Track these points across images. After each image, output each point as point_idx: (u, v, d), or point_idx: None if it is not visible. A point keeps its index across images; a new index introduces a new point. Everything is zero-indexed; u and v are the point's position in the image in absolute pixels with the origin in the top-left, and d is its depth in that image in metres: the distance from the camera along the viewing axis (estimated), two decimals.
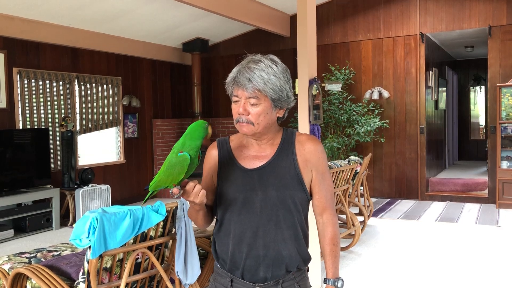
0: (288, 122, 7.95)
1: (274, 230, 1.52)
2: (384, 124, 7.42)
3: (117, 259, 2.53)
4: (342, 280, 1.59)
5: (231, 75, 1.55)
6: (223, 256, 1.59)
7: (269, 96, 1.49)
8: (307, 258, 1.61)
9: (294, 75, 3.81)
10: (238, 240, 1.55)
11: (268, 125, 1.54)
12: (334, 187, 4.53)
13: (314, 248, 3.80)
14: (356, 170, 5.17)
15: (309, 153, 1.57)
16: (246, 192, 1.54)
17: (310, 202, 1.62)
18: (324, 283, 1.59)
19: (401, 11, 7.59)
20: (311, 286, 1.67)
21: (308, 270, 1.67)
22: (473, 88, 11.55)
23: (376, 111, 7.60)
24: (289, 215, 1.54)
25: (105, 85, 7.45)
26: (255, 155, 1.58)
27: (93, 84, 7.24)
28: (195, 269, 2.79)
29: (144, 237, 2.63)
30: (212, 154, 1.66)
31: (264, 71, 1.48)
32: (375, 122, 7.27)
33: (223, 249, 1.59)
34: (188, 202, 2.54)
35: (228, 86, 1.57)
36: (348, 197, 5.04)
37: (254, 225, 1.53)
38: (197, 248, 3.04)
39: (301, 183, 1.55)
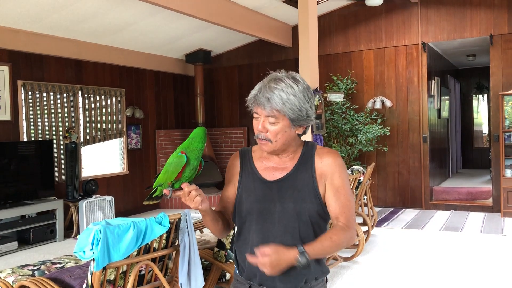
0: None
1: (291, 241, 1.54)
2: (386, 131, 7.39)
3: (120, 271, 2.53)
4: (307, 260, 1.45)
5: (253, 92, 1.57)
6: (242, 264, 1.63)
7: (287, 116, 1.52)
8: (325, 270, 1.64)
9: None
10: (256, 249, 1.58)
11: (286, 142, 1.57)
12: None
13: None
14: (359, 179, 5.16)
15: (326, 166, 1.58)
16: (265, 203, 1.57)
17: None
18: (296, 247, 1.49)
19: (402, 20, 7.63)
20: None
21: (327, 281, 1.70)
22: (476, 96, 11.55)
23: (379, 120, 7.60)
24: (306, 227, 1.56)
25: (108, 97, 7.49)
26: (275, 167, 1.62)
27: (97, 96, 7.29)
28: (198, 281, 2.79)
29: (147, 249, 2.63)
30: (235, 163, 1.70)
31: (283, 91, 1.50)
32: (376, 129, 7.27)
33: (241, 257, 1.63)
34: (191, 214, 2.57)
35: (249, 103, 1.58)
36: None
37: (272, 236, 1.56)
38: (201, 259, 3.04)
39: (318, 197, 1.57)
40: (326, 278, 1.69)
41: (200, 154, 1.58)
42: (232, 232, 3.21)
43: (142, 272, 2.68)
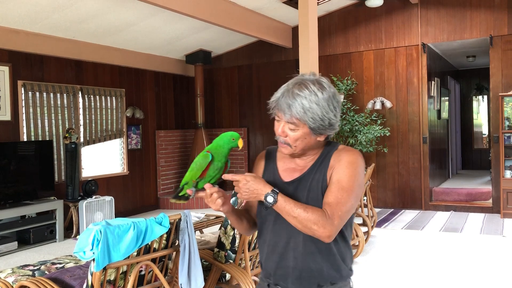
0: None
1: (304, 242, 1.53)
2: (385, 131, 7.38)
3: (120, 272, 2.53)
4: (273, 202, 1.45)
5: (276, 95, 1.53)
6: (262, 262, 1.65)
7: (308, 125, 1.48)
8: (344, 274, 1.58)
9: None
10: (272, 249, 1.59)
11: (306, 147, 1.54)
12: None
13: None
14: None
15: (337, 162, 1.52)
16: None
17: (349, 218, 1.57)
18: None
19: (402, 21, 7.64)
20: None
21: (352, 286, 1.65)
22: (476, 97, 11.56)
23: (379, 121, 7.61)
24: None
25: (108, 97, 7.49)
26: (294, 167, 1.61)
27: (97, 96, 7.29)
28: (198, 281, 2.79)
29: (147, 249, 2.64)
30: (260, 162, 1.71)
31: (306, 99, 1.45)
32: (375, 129, 7.27)
33: (261, 255, 1.65)
34: (191, 214, 2.59)
35: (271, 105, 1.55)
36: None
37: (286, 236, 1.56)
38: (201, 260, 3.04)
39: None
40: (351, 281, 1.63)
41: (224, 157, 1.60)
42: (232, 233, 3.22)
43: (142, 273, 2.68)
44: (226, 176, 1.50)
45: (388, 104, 7.69)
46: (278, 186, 1.57)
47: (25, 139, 6.26)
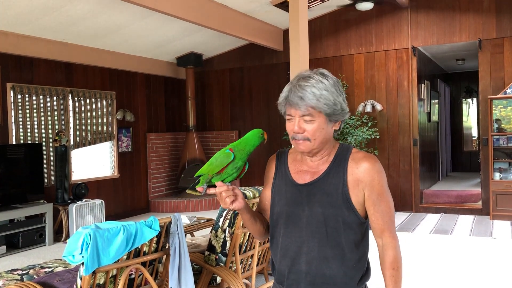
0: (282, 135, 7.98)
1: (318, 247, 1.51)
2: (372, 132, 7.40)
3: (110, 275, 2.52)
4: None
5: (283, 94, 1.52)
6: (275, 266, 1.62)
7: (323, 112, 1.48)
8: (359, 282, 1.56)
9: None
10: (284, 253, 1.56)
11: (324, 140, 1.53)
12: None
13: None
14: None
15: (362, 173, 1.52)
16: (294, 207, 1.54)
17: (367, 224, 1.59)
18: None
19: (392, 25, 7.69)
20: None
21: None
22: (465, 100, 11.67)
23: (370, 124, 7.64)
24: (335, 234, 1.50)
25: (99, 100, 7.46)
26: (307, 170, 1.58)
27: (87, 99, 7.25)
28: (189, 285, 2.78)
29: (137, 252, 2.62)
30: (271, 165, 1.69)
31: (315, 87, 1.46)
32: (364, 131, 7.29)
33: (274, 259, 1.62)
34: (181, 217, 2.59)
35: (281, 106, 1.54)
36: None
37: (299, 240, 1.53)
38: (191, 263, 3.03)
39: (348, 203, 1.51)
40: (366, 286, 1.63)
41: (246, 156, 1.59)
42: (223, 236, 3.21)
43: (132, 276, 2.67)
44: None
45: (378, 107, 7.73)
46: (291, 188, 1.56)
47: (14, 142, 6.21)
